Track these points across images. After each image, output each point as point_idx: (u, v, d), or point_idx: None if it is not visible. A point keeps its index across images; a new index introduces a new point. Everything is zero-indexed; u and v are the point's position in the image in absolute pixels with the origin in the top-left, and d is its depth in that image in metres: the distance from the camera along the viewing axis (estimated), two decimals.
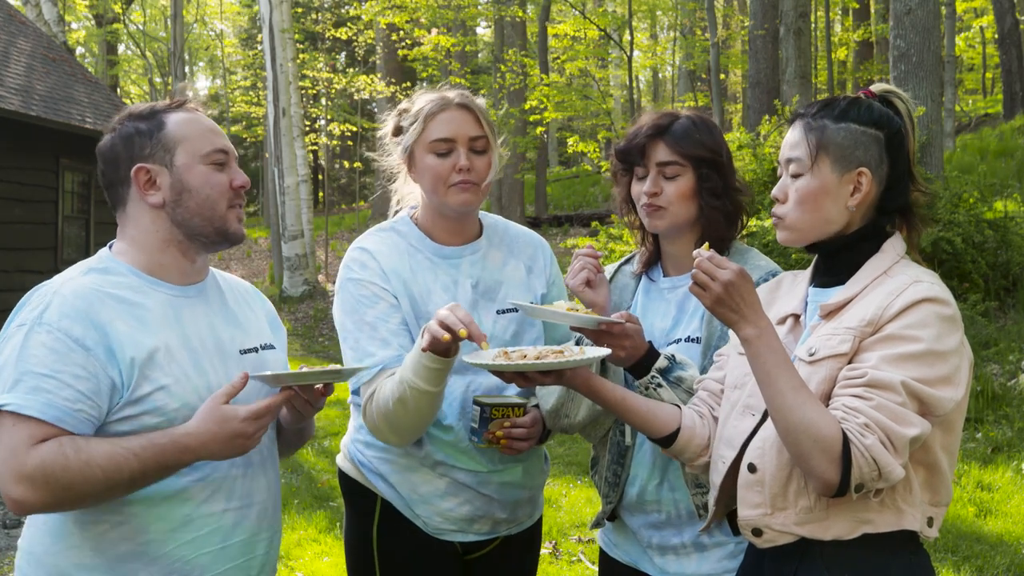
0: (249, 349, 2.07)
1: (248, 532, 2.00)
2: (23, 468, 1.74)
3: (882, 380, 1.66)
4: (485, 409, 2.26)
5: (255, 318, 2.17)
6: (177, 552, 1.89)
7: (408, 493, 2.36)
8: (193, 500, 1.91)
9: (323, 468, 6.98)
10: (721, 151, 2.27)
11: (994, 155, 15.62)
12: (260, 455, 2.05)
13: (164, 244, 1.99)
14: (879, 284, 1.80)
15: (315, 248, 19.56)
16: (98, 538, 1.86)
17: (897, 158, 1.87)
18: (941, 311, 1.73)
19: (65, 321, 1.82)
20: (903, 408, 1.65)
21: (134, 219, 1.99)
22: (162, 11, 33.64)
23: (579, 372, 1.96)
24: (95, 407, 1.82)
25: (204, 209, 1.98)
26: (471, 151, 2.33)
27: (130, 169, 1.96)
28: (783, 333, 1.91)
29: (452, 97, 2.35)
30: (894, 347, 1.69)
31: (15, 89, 11.77)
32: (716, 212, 2.25)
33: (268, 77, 17.50)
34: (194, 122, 2.01)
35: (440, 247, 2.41)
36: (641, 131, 2.27)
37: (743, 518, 1.81)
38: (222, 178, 2.00)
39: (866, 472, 1.63)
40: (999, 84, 23.07)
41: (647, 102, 37.06)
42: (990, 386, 7.06)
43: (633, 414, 2.00)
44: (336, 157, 31.85)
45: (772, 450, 1.77)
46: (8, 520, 6.12)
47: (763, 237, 7.75)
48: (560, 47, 22.07)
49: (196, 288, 2.05)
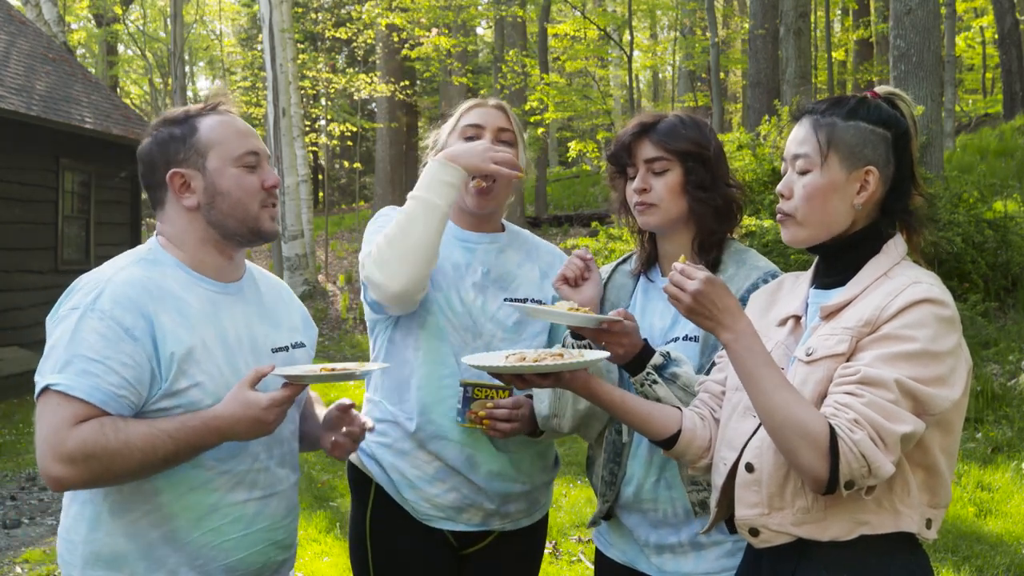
0: (281, 348, 2.18)
1: (269, 520, 2.11)
2: (64, 446, 1.83)
3: (875, 377, 1.66)
4: (468, 389, 2.33)
5: (289, 316, 2.27)
6: (203, 539, 2.00)
7: (398, 477, 2.42)
8: (218, 491, 2.02)
9: (323, 468, 6.98)
10: (708, 145, 2.28)
11: (994, 155, 15.62)
12: (281, 449, 2.15)
13: (201, 242, 2.09)
14: (879, 285, 1.80)
15: (315, 248, 19.56)
16: (130, 525, 1.97)
17: (902, 159, 1.87)
18: (939, 312, 1.72)
19: (117, 309, 1.91)
20: (895, 405, 1.64)
21: (172, 219, 2.09)
22: (162, 11, 33.64)
23: (578, 375, 1.96)
24: (136, 395, 1.91)
25: (237, 211, 2.07)
26: (498, 140, 2.46)
27: (166, 174, 2.06)
28: (784, 335, 1.91)
29: (489, 101, 2.54)
30: (889, 346, 1.69)
31: (15, 89, 11.77)
32: (704, 206, 2.26)
33: (268, 77, 17.49)
34: (226, 125, 2.09)
35: (461, 230, 2.52)
36: (627, 131, 2.31)
37: (740, 518, 1.81)
38: (253, 180, 2.09)
39: (855, 468, 1.62)
40: (999, 84, 23.07)
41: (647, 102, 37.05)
42: (990, 386, 7.06)
43: (633, 416, 2.00)
44: (336, 157, 31.85)
45: (769, 450, 1.77)
46: (8, 520, 6.12)
47: (763, 237, 7.75)
48: (560, 47, 22.08)
49: (236, 286, 2.14)
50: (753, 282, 2.22)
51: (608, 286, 2.44)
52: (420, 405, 2.40)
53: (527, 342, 2.47)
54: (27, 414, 9.85)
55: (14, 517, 6.20)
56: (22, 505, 6.57)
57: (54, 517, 6.25)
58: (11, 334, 11.36)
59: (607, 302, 2.42)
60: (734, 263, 2.28)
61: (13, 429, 9.16)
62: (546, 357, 1.94)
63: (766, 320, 1.98)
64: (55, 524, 6.07)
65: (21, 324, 11.52)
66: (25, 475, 7.34)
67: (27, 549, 5.56)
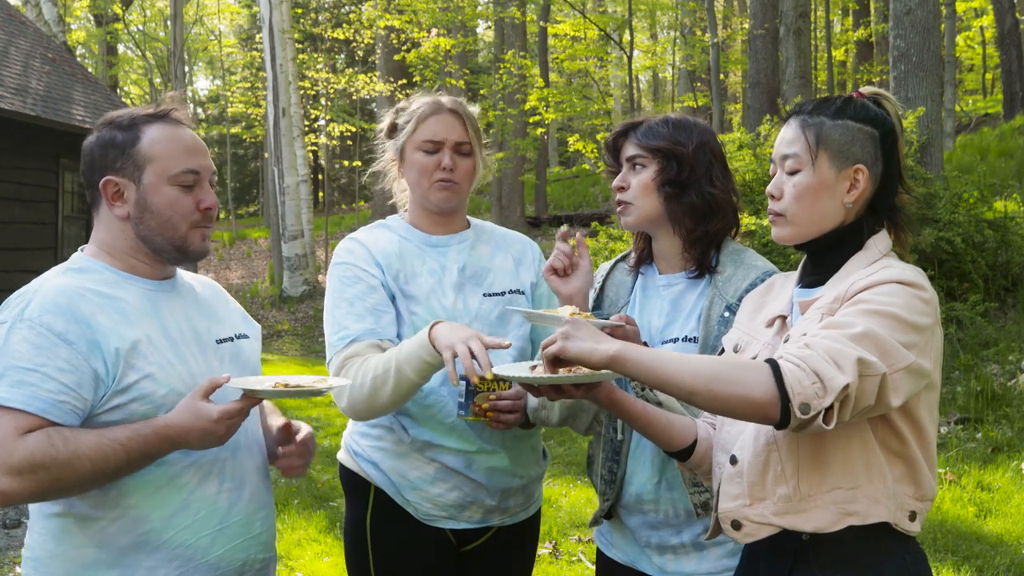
0: (225, 339, 2.14)
1: (243, 513, 2.07)
2: (11, 459, 1.79)
3: (839, 321, 1.64)
4: (470, 382, 2.32)
5: (227, 311, 2.24)
6: (177, 538, 1.96)
7: (399, 479, 2.43)
8: (188, 485, 1.98)
9: (323, 468, 6.98)
10: (686, 144, 2.26)
11: (994, 155, 15.61)
12: (247, 437, 2.12)
13: (132, 251, 2.05)
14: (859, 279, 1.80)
15: (315, 248, 19.56)
16: (99, 534, 1.92)
17: (890, 157, 1.88)
18: (915, 292, 1.70)
19: (47, 316, 1.86)
20: (851, 342, 1.59)
21: (104, 224, 2.05)
22: (161, 11, 33.62)
23: (603, 386, 1.94)
24: (79, 399, 1.87)
25: (164, 230, 2.02)
26: (456, 153, 2.47)
27: (100, 179, 2.01)
28: (771, 335, 1.91)
29: (445, 102, 2.50)
30: (862, 306, 1.67)
31: (15, 89, 11.77)
32: (677, 203, 2.26)
33: (268, 77, 17.50)
34: (170, 140, 2.02)
35: (428, 236, 2.53)
36: (615, 131, 2.36)
37: (722, 511, 1.81)
38: (187, 201, 2.02)
39: (806, 385, 1.56)
40: (999, 84, 23.07)
41: (647, 102, 37.05)
42: (990, 386, 7.05)
43: (653, 427, 1.99)
44: (336, 157, 31.84)
45: (749, 438, 1.78)
46: (8, 520, 6.12)
47: (761, 237, 7.74)
48: (560, 47, 22.07)
49: (169, 283, 2.12)
50: (751, 282, 2.22)
51: (607, 282, 2.44)
52: (413, 415, 2.41)
53: (512, 333, 2.49)
54: None
55: (14, 517, 6.20)
56: (22, 505, 6.57)
57: None
58: None
59: (607, 298, 2.42)
60: (732, 263, 2.28)
61: None
62: (579, 368, 1.90)
63: (755, 321, 1.99)
64: None
65: None
66: None
67: None
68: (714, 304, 2.23)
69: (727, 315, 2.20)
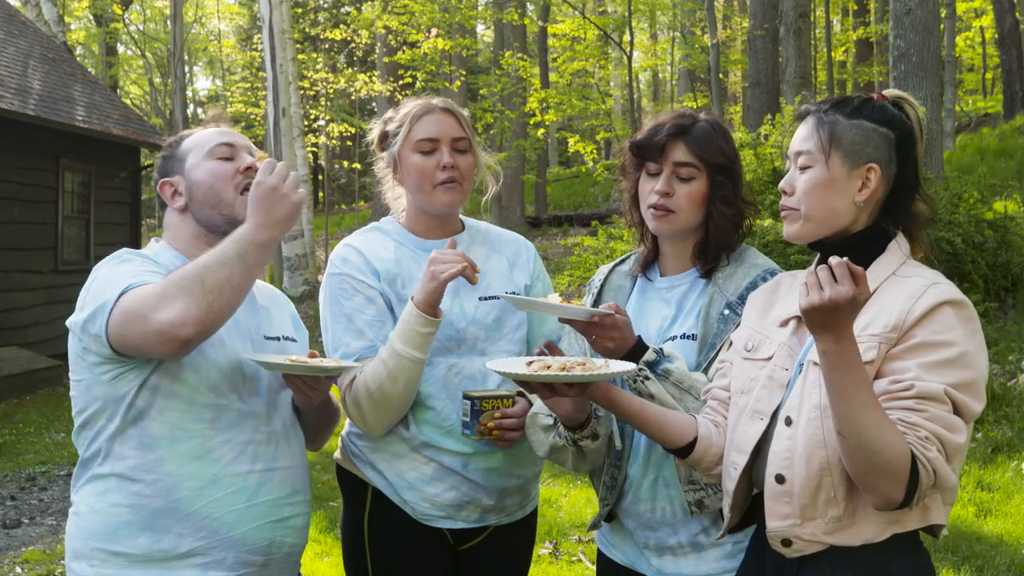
0: (272, 337, 2.29)
1: (273, 495, 2.16)
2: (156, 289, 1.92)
3: (929, 391, 1.67)
4: (475, 402, 2.31)
5: (279, 315, 2.38)
6: (205, 509, 2.07)
7: (396, 479, 2.43)
8: (221, 460, 2.09)
9: (323, 468, 6.98)
10: (736, 160, 2.27)
11: (994, 155, 15.62)
12: (283, 425, 2.23)
13: (194, 238, 2.22)
14: (892, 285, 1.80)
15: (315, 248, 19.56)
16: (134, 496, 2.05)
17: (906, 161, 1.88)
18: (964, 313, 1.74)
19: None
20: (952, 415, 1.68)
21: (170, 224, 2.27)
22: (161, 11, 33.61)
23: (599, 384, 1.93)
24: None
25: (211, 198, 2.19)
26: (454, 150, 2.45)
27: (159, 186, 2.27)
28: (787, 335, 1.91)
29: (436, 102, 2.50)
30: (929, 355, 1.70)
31: (15, 89, 11.77)
32: (725, 220, 2.24)
33: (268, 77, 17.49)
34: (204, 132, 2.26)
35: (423, 240, 2.51)
36: (662, 129, 2.23)
37: (771, 529, 1.80)
38: (226, 167, 2.20)
39: (926, 485, 1.66)
40: (999, 84, 23.07)
41: (647, 102, 37.06)
42: (990, 386, 7.05)
43: (650, 424, 1.99)
44: (336, 157, 31.85)
45: (801, 460, 1.75)
46: (8, 520, 6.12)
47: (763, 237, 7.74)
48: (560, 47, 22.07)
49: None
50: (752, 280, 2.21)
51: (605, 287, 2.42)
52: (411, 418, 2.41)
53: (508, 336, 2.49)
54: (27, 414, 9.85)
55: (14, 517, 6.21)
56: (22, 505, 6.58)
57: (54, 517, 6.25)
58: (11, 334, 11.36)
59: (604, 303, 2.40)
60: (734, 261, 2.28)
61: (13, 429, 9.16)
62: (575, 367, 1.90)
63: (766, 320, 1.98)
64: (55, 524, 6.08)
65: (21, 324, 11.53)
66: (25, 475, 7.35)
67: (27, 549, 5.56)
68: (714, 301, 2.22)
69: (727, 312, 2.19)
